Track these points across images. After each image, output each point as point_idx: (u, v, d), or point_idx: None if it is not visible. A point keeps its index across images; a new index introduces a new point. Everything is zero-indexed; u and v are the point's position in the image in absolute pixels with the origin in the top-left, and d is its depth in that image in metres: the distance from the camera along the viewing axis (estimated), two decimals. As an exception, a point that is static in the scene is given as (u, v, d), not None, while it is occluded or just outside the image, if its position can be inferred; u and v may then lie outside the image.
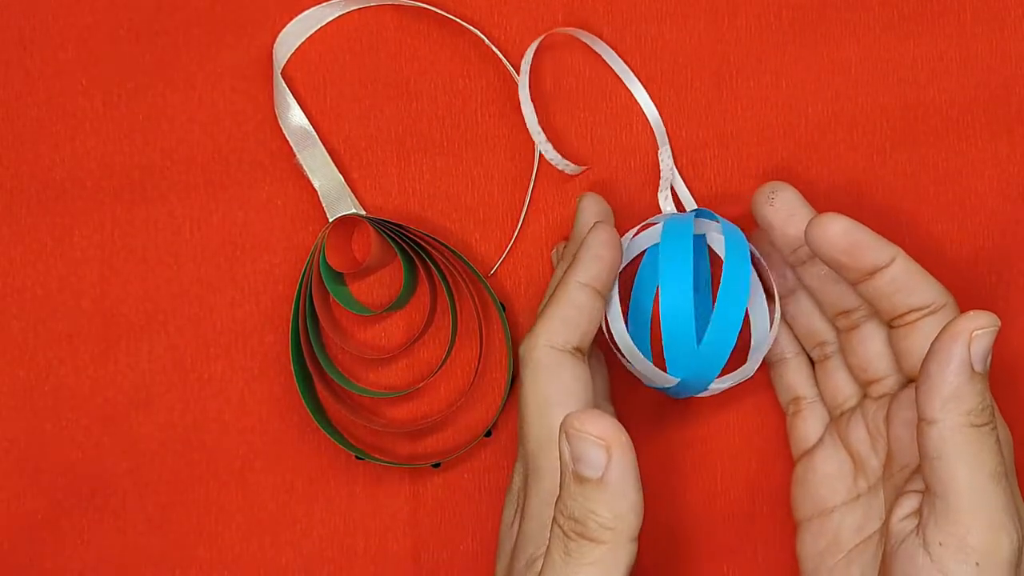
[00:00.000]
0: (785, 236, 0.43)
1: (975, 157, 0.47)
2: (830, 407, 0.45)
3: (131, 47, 0.48)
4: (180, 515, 0.47)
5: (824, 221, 0.40)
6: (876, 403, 0.43)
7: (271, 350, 0.47)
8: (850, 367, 0.44)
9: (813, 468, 0.44)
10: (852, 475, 0.43)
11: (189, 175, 0.47)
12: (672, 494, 0.47)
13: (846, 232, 0.40)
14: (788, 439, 0.46)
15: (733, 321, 0.41)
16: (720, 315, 0.41)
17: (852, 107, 0.47)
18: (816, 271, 0.43)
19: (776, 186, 0.43)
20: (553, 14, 0.48)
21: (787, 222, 0.42)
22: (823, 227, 0.40)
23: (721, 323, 0.41)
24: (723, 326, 0.41)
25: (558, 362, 0.39)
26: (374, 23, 0.48)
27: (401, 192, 0.47)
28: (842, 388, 0.44)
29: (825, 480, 0.43)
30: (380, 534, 0.47)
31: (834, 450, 0.44)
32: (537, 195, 0.47)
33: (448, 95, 0.48)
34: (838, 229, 0.40)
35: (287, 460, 0.47)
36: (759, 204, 0.43)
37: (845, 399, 0.44)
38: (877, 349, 0.42)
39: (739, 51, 0.47)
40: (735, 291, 0.41)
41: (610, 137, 0.47)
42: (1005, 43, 0.47)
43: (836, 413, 0.44)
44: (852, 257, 0.40)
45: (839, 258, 0.40)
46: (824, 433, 0.44)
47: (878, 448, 0.42)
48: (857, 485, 0.43)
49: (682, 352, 0.42)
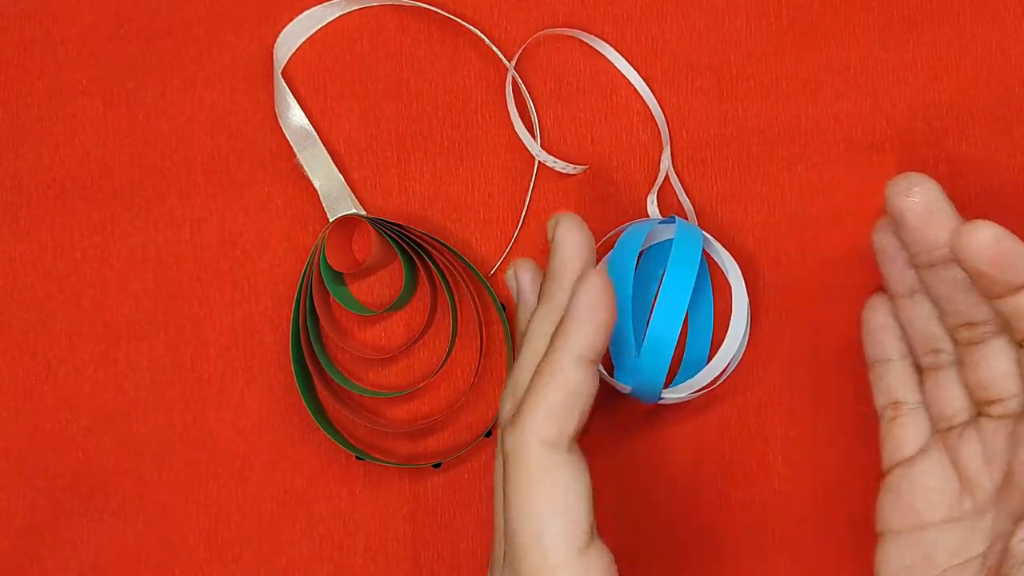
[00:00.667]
0: (921, 235, 0.39)
1: (975, 157, 0.47)
2: (936, 419, 0.42)
3: (131, 47, 0.48)
4: (180, 515, 0.47)
5: (973, 228, 0.37)
6: (996, 423, 0.40)
7: (271, 350, 0.47)
8: (967, 382, 0.40)
9: (910, 480, 0.41)
10: (956, 493, 0.40)
11: (189, 175, 0.48)
12: (672, 494, 0.47)
13: (996, 241, 0.36)
14: (880, 444, 0.43)
15: (669, 333, 0.41)
16: (656, 326, 0.42)
17: (852, 107, 0.47)
18: (948, 276, 0.39)
19: (916, 179, 0.39)
20: (554, 14, 0.48)
21: (926, 220, 0.39)
22: (971, 233, 0.37)
23: (658, 333, 0.42)
24: (660, 336, 0.42)
25: (553, 466, 0.35)
26: (375, 23, 0.48)
27: (402, 192, 0.48)
28: (953, 401, 0.41)
29: (924, 494, 0.41)
30: (380, 534, 0.47)
31: (938, 464, 0.41)
32: (538, 195, 0.47)
33: (449, 95, 0.48)
34: (987, 237, 0.36)
35: (287, 460, 0.47)
36: (894, 195, 0.39)
37: (955, 413, 0.41)
38: (1004, 368, 0.39)
39: (739, 51, 0.47)
40: (673, 302, 0.42)
41: (610, 137, 0.47)
42: (1005, 43, 0.47)
43: (943, 426, 0.41)
44: (999, 269, 0.36)
45: (984, 268, 0.37)
46: (927, 444, 0.42)
47: (993, 470, 0.40)
48: (961, 504, 0.40)
49: (626, 361, 0.42)
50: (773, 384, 0.47)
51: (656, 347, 0.42)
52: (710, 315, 0.46)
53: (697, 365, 0.46)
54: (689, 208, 0.47)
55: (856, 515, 0.46)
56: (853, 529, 0.46)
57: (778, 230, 0.47)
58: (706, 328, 0.46)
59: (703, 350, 0.46)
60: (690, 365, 0.46)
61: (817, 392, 0.47)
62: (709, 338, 0.46)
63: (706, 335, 0.46)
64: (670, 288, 0.42)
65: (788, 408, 0.47)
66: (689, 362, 0.46)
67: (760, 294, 0.47)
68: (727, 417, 0.47)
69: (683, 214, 0.47)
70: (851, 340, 0.47)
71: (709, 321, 0.46)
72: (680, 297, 0.42)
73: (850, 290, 0.47)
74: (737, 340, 0.45)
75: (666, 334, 0.42)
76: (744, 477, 0.47)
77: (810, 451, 0.47)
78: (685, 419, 0.47)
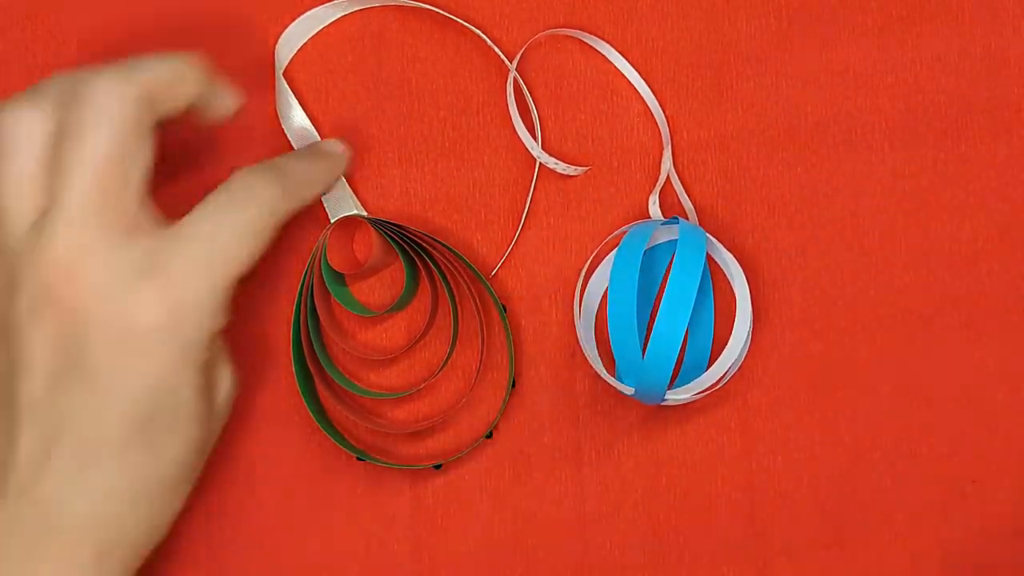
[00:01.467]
0: None
1: (975, 157, 0.47)
2: None
3: (132, 47, 0.48)
4: (180, 515, 0.46)
5: None
6: None
7: (271, 350, 0.47)
8: None
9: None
10: None
11: (190, 175, 0.47)
12: (671, 495, 0.47)
13: None
14: None
15: (674, 335, 0.41)
16: (660, 328, 0.42)
17: (852, 107, 0.47)
18: None
19: None
20: (554, 14, 0.48)
21: None
22: None
23: (662, 335, 0.42)
24: (664, 338, 0.42)
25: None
26: (377, 24, 0.48)
27: (403, 193, 0.48)
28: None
29: None
30: (380, 534, 0.47)
31: None
32: (539, 195, 0.47)
33: (450, 96, 0.48)
34: None
35: (287, 460, 0.47)
36: None
37: None
38: None
39: (739, 51, 0.48)
40: (678, 304, 0.42)
41: (611, 138, 0.47)
42: (1004, 44, 0.48)
43: None
44: None
45: None
46: None
47: None
48: None
49: (630, 363, 0.42)
50: (773, 384, 0.47)
51: (660, 349, 0.42)
52: (711, 316, 0.46)
53: (699, 366, 0.46)
54: (690, 208, 0.47)
55: (858, 517, 0.46)
56: (854, 530, 0.46)
57: (778, 230, 0.47)
58: (708, 329, 0.46)
59: (705, 351, 0.46)
60: (692, 366, 0.46)
61: (817, 393, 0.47)
62: (711, 339, 0.46)
63: (708, 336, 0.46)
64: (674, 290, 0.42)
65: (788, 409, 0.47)
66: (691, 363, 0.46)
67: (760, 294, 0.47)
68: (727, 417, 0.47)
69: (684, 214, 0.47)
70: (852, 341, 0.47)
71: (710, 322, 0.46)
72: (685, 299, 0.42)
73: (851, 291, 0.47)
74: (741, 341, 0.45)
75: (670, 336, 0.42)
76: (745, 479, 0.47)
77: (811, 452, 0.47)
78: (685, 420, 0.47)
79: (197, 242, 0.38)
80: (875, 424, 0.47)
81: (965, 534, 0.46)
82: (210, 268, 0.38)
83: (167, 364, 0.38)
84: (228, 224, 0.39)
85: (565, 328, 0.47)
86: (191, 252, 0.38)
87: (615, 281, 0.43)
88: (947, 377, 0.47)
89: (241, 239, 0.39)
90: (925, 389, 0.47)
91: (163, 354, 0.38)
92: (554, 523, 0.46)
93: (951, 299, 0.47)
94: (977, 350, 0.47)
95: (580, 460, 0.47)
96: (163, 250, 0.38)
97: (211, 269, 0.38)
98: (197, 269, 0.38)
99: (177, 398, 0.39)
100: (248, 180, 0.40)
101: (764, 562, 0.46)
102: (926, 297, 0.47)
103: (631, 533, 0.46)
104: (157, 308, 0.38)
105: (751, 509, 0.46)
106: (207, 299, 0.38)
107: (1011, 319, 0.47)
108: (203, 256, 0.38)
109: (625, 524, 0.46)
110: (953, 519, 0.46)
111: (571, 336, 0.47)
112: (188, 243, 0.38)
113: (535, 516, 0.47)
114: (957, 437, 0.47)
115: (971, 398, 0.47)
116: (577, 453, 0.47)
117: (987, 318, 0.47)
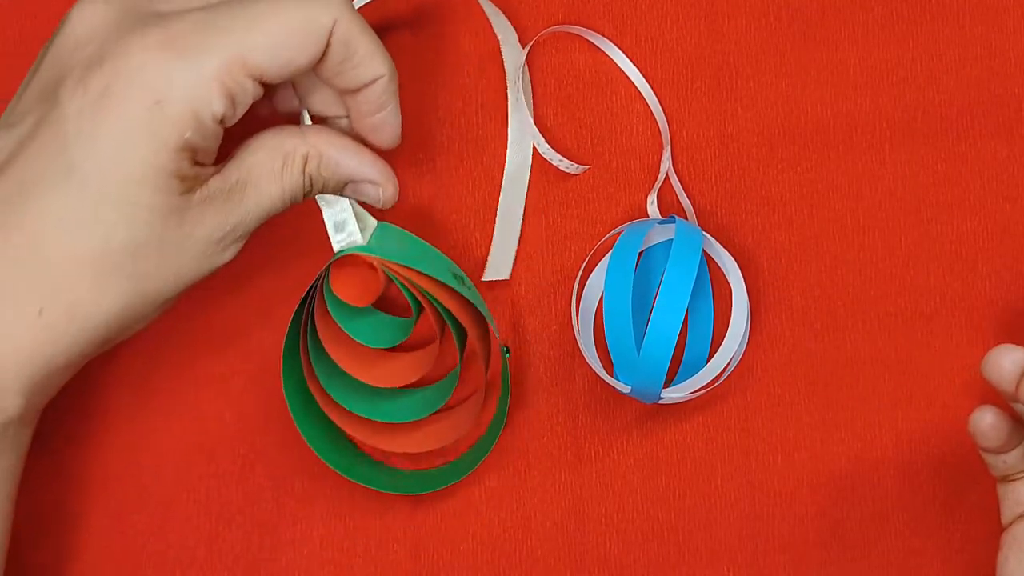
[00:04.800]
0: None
1: (974, 157, 0.47)
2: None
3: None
4: (180, 515, 0.47)
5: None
6: None
7: (271, 350, 0.47)
8: None
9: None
10: None
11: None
12: (671, 494, 0.47)
13: None
14: (999, 503, 0.43)
15: (669, 333, 0.42)
16: (656, 326, 0.42)
17: (852, 107, 0.47)
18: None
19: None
20: (554, 14, 0.48)
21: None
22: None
23: (658, 333, 0.42)
24: (660, 336, 0.42)
25: None
26: (377, 24, 0.48)
27: (402, 193, 0.47)
28: None
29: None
30: (380, 534, 0.47)
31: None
32: (538, 194, 0.47)
33: (450, 95, 0.48)
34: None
35: (287, 460, 0.47)
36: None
37: None
38: None
39: (739, 51, 0.48)
40: (673, 302, 0.42)
41: (611, 137, 0.47)
42: (1004, 44, 0.48)
43: None
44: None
45: None
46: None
47: None
48: None
49: (625, 359, 0.42)
50: (772, 384, 0.47)
51: (656, 347, 0.42)
52: (710, 315, 0.46)
53: (697, 365, 0.46)
54: (689, 208, 0.47)
55: (857, 516, 0.46)
56: (854, 530, 0.46)
57: (778, 230, 0.47)
58: (706, 328, 0.47)
59: (703, 350, 0.46)
60: (690, 365, 0.46)
61: (816, 391, 0.47)
62: (709, 338, 0.46)
63: (706, 335, 0.47)
64: (670, 288, 0.42)
65: (788, 408, 0.47)
66: (689, 362, 0.46)
67: (760, 294, 0.47)
68: (726, 417, 0.47)
69: (683, 214, 0.47)
70: (850, 340, 0.47)
71: (709, 321, 0.46)
72: (680, 297, 0.42)
73: (850, 290, 0.47)
74: (737, 340, 0.45)
75: (666, 334, 0.42)
76: (744, 478, 0.47)
77: (811, 452, 0.47)
78: (684, 419, 0.47)
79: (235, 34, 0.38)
80: (875, 424, 0.47)
81: (965, 534, 0.46)
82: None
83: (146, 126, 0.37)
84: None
85: (564, 327, 0.47)
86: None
87: (611, 278, 0.43)
88: (947, 377, 0.47)
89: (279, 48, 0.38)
90: (925, 389, 0.47)
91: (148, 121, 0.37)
92: (554, 522, 0.47)
93: (951, 299, 0.47)
94: (977, 350, 0.47)
95: (579, 459, 0.47)
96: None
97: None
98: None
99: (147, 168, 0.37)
100: None
101: (764, 561, 0.46)
102: (926, 297, 0.47)
103: (630, 532, 0.46)
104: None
105: (751, 509, 0.47)
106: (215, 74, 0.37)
107: (1011, 319, 0.47)
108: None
109: (625, 523, 0.47)
110: (953, 519, 0.46)
111: (570, 335, 0.47)
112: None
113: (535, 516, 0.47)
114: (957, 437, 0.47)
115: (971, 398, 0.47)
116: (576, 453, 0.47)
117: (987, 318, 0.47)
